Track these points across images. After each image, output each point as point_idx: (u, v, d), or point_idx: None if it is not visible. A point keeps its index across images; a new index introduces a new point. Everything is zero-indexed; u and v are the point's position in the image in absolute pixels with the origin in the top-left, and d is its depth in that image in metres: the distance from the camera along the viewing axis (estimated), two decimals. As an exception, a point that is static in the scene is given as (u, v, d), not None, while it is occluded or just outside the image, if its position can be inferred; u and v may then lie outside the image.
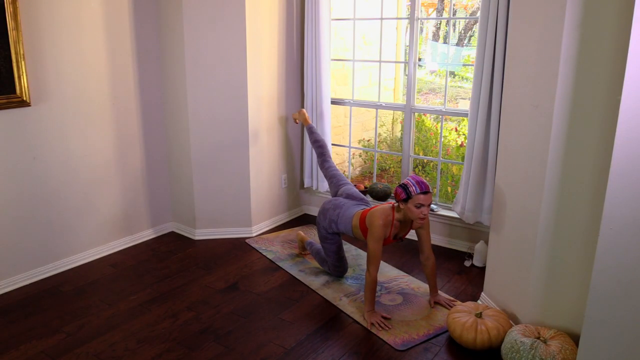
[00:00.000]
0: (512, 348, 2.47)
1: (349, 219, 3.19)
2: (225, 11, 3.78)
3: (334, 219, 3.26)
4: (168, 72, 3.98)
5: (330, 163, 3.75)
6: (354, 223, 3.15)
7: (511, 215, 2.81)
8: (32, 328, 2.91)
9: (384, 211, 2.99)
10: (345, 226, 3.20)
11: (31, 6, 3.17)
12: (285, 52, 4.24)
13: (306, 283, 3.43)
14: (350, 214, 3.19)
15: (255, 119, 4.07)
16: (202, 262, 3.76)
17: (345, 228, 3.21)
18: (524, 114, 2.63)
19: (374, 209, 3.06)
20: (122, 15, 3.68)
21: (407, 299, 3.23)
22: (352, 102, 4.49)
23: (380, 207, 3.05)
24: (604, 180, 1.96)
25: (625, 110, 1.70)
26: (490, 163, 3.53)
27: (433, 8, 7.92)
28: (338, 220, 3.24)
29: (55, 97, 3.39)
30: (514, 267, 2.80)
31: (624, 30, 2.09)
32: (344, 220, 3.21)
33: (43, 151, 3.38)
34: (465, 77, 7.87)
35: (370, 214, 3.04)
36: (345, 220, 3.20)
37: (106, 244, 3.87)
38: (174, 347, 2.74)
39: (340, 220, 3.23)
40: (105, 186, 3.79)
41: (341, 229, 3.24)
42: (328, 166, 3.72)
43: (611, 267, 1.79)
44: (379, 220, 2.95)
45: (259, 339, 2.83)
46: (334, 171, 3.67)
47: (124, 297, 3.25)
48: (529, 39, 2.59)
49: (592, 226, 2.36)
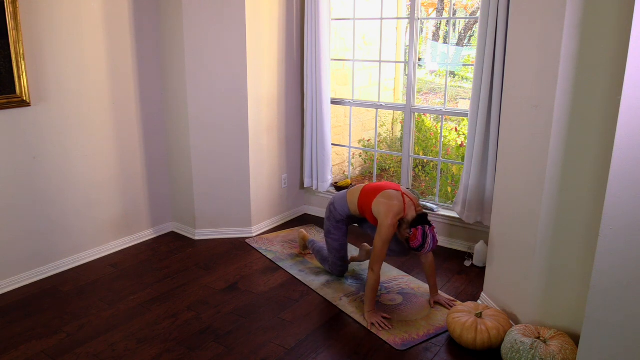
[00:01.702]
0: (512, 348, 2.47)
1: (342, 195, 3.29)
2: (225, 11, 3.77)
3: (332, 201, 3.35)
4: (168, 72, 3.98)
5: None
6: (349, 198, 3.23)
7: (511, 215, 2.81)
8: (32, 328, 2.91)
9: (394, 210, 2.94)
10: (341, 203, 3.28)
11: (31, 6, 3.17)
12: (285, 52, 4.24)
13: (306, 283, 3.43)
14: (344, 191, 3.32)
15: (255, 119, 4.07)
16: (202, 262, 3.76)
17: (341, 206, 3.27)
18: (524, 114, 2.63)
19: (383, 201, 2.99)
20: (122, 15, 3.68)
21: (407, 299, 3.23)
22: (352, 102, 4.48)
23: (390, 202, 2.97)
24: (604, 181, 1.96)
25: (625, 110, 1.70)
26: (490, 163, 3.53)
27: (433, 8, 7.92)
28: (335, 201, 3.32)
29: (55, 97, 3.39)
30: (514, 267, 2.80)
31: (624, 29, 2.09)
32: (339, 197, 3.31)
33: (43, 151, 3.38)
34: (465, 77, 7.87)
35: (382, 205, 2.98)
36: (339, 196, 3.31)
37: (106, 244, 3.87)
38: (174, 347, 2.74)
39: (336, 200, 3.32)
40: (105, 186, 3.79)
41: (338, 208, 3.29)
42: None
43: (611, 267, 1.79)
44: (389, 219, 2.92)
45: (259, 339, 2.83)
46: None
47: (124, 297, 3.25)
48: (529, 39, 2.59)
49: (592, 226, 2.36)
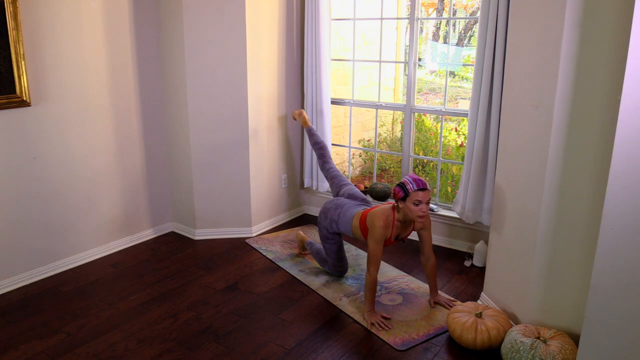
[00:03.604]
0: (512, 348, 2.47)
1: (349, 219, 3.18)
2: (225, 11, 3.78)
3: (335, 218, 3.26)
4: (168, 72, 3.98)
5: (331, 164, 3.75)
6: (354, 224, 3.15)
7: (511, 215, 2.81)
8: (32, 328, 2.91)
9: (384, 212, 2.98)
10: (346, 226, 3.20)
11: (31, 6, 3.17)
12: (285, 52, 4.24)
13: (306, 283, 3.43)
14: (351, 215, 3.19)
15: (255, 119, 4.07)
16: (202, 262, 3.76)
17: (346, 228, 3.21)
18: (524, 114, 2.63)
19: (374, 210, 3.06)
20: (122, 15, 3.68)
21: (407, 299, 3.23)
22: (352, 102, 4.48)
23: (380, 207, 3.04)
24: (604, 180, 1.96)
25: (625, 110, 1.70)
26: (490, 163, 3.53)
27: (433, 8, 7.92)
28: (339, 220, 3.24)
29: (55, 97, 3.39)
30: (514, 267, 2.80)
31: (624, 29, 2.09)
32: (344, 220, 3.21)
33: (43, 151, 3.38)
34: (465, 77, 7.87)
35: (371, 214, 3.04)
36: (345, 220, 3.20)
37: (106, 244, 3.87)
38: (174, 347, 2.74)
39: (341, 220, 3.22)
40: (105, 186, 3.79)
41: (342, 229, 3.24)
42: (329, 167, 3.72)
43: (611, 267, 1.79)
44: (380, 221, 2.94)
45: (259, 339, 2.83)
46: (334, 172, 3.67)
47: (124, 297, 3.25)
48: (529, 39, 2.59)
49: (592, 226, 2.36)
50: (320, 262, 3.56)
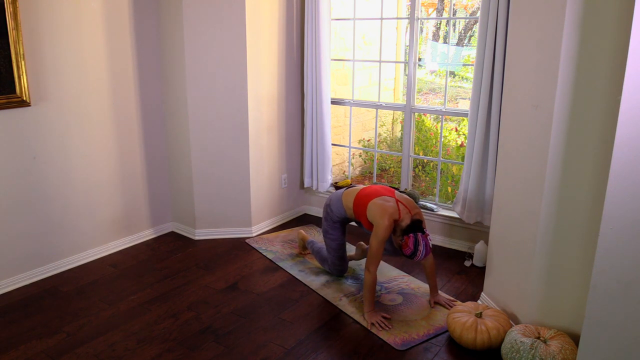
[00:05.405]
0: (512, 348, 2.47)
1: (339, 196, 3.28)
2: (225, 11, 3.77)
3: (328, 202, 3.35)
4: (168, 72, 3.98)
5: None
6: (344, 202, 3.22)
7: (511, 215, 2.81)
8: (32, 328, 2.91)
9: (388, 211, 2.94)
10: (337, 205, 3.27)
11: (31, 6, 3.17)
12: (285, 52, 4.24)
13: (306, 283, 3.43)
14: (340, 192, 3.30)
15: (255, 119, 4.07)
16: (202, 262, 3.76)
17: (337, 208, 3.27)
18: (524, 114, 2.63)
19: (377, 203, 2.99)
20: (122, 16, 3.68)
21: (407, 299, 3.23)
22: (352, 102, 4.48)
23: (384, 203, 2.98)
24: (604, 180, 1.96)
25: (625, 110, 1.70)
26: (490, 163, 3.53)
27: (433, 8, 7.92)
28: (331, 202, 3.32)
29: (55, 97, 3.38)
30: (514, 267, 2.80)
31: (624, 30, 2.09)
32: (335, 199, 3.30)
33: (43, 151, 3.38)
34: (465, 77, 7.87)
35: (374, 207, 2.99)
36: (336, 198, 3.29)
37: (106, 244, 3.87)
38: (174, 347, 2.74)
39: (333, 201, 3.31)
40: (105, 186, 3.79)
41: (334, 210, 3.29)
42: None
43: (611, 267, 1.79)
44: (385, 220, 2.91)
45: (259, 339, 2.83)
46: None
47: (124, 297, 3.25)
48: (529, 39, 2.58)
49: (592, 226, 2.36)
50: (320, 261, 3.56)
